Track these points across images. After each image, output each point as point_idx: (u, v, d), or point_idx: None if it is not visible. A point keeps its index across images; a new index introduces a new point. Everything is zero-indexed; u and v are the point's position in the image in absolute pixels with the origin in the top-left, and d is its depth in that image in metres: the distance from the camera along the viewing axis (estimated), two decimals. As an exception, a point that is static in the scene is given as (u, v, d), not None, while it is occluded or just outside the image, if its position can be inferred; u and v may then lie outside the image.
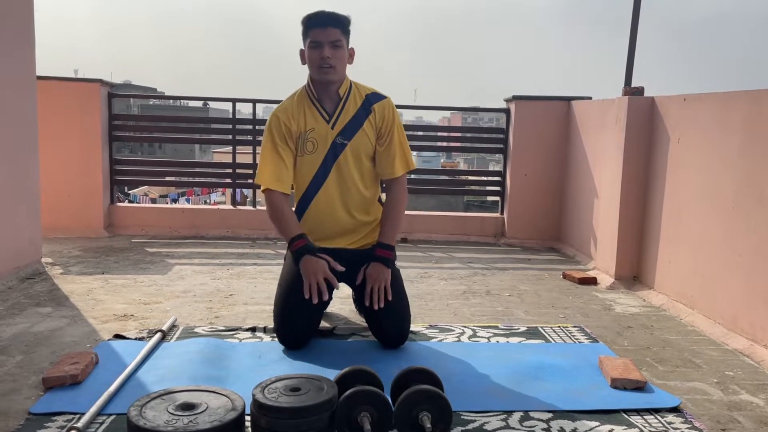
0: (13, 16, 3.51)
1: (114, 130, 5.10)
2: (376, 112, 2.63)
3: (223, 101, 5.62)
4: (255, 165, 5.28)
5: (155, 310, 3.06)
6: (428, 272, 4.05)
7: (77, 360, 2.22)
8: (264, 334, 2.72)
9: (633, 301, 3.51)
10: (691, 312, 3.15)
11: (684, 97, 3.40)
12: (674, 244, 3.41)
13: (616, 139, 3.87)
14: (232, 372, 2.29)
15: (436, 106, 6.14)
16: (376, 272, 2.53)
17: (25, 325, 2.78)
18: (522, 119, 5.13)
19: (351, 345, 2.64)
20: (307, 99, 2.63)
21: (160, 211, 5.52)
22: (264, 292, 3.43)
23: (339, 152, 2.61)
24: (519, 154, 5.15)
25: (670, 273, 3.43)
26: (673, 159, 3.46)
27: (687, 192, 3.31)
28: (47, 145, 4.32)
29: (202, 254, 4.43)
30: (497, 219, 5.33)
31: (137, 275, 3.74)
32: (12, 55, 3.51)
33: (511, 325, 2.96)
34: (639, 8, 4.61)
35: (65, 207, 4.84)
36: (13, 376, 2.22)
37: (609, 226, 3.94)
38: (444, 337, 2.75)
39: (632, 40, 4.66)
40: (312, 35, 2.52)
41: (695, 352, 2.68)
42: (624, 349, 2.70)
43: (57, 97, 4.75)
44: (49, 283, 3.49)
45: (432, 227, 5.24)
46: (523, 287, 3.74)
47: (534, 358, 2.49)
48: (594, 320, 3.12)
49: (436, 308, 3.26)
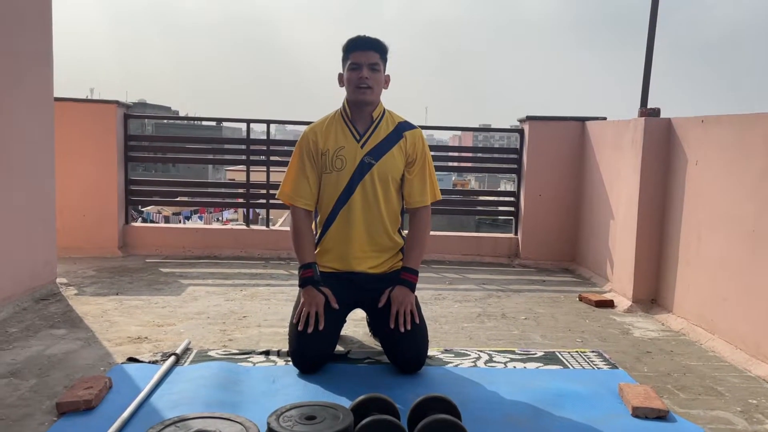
0: (32, 39, 3.55)
1: (129, 151, 5.14)
2: (408, 139, 2.68)
3: (238, 122, 5.65)
4: (269, 184, 5.29)
5: (169, 332, 3.05)
6: (442, 294, 4.01)
7: (91, 384, 2.20)
8: (278, 357, 2.70)
9: (651, 325, 3.46)
10: (712, 337, 3.09)
11: (702, 118, 3.37)
12: (693, 267, 3.36)
13: (632, 161, 3.83)
14: (246, 397, 2.27)
15: (449, 126, 6.14)
16: (401, 295, 2.56)
17: (40, 347, 2.77)
18: (536, 139, 5.11)
19: (366, 370, 2.60)
20: (341, 119, 2.69)
21: (173, 231, 5.54)
22: (277, 314, 3.41)
23: (366, 171, 2.63)
24: (533, 174, 5.13)
25: (690, 296, 3.37)
26: (691, 181, 3.42)
27: (706, 215, 3.27)
28: (63, 165, 4.34)
29: (215, 275, 4.42)
30: (511, 239, 5.30)
31: (151, 296, 3.73)
32: (30, 79, 3.55)
33: (527, 349, 2.92)
34: (654, 28, 4.59)
35: (80, 227, 4.86)
36: (26, 401, 2.21)
37: (626, 248, 3.89)
38: (460, 361, 2.71)
39: (648, 60, 4.64)
40: (352, 57, 2.59)
41: (717, 379, 2.62)
42: (644, 375, 2.65)
43: (74, 118, 4.80)
44: (64, 304, 3.49)
45: (445, 247, 5.21)
46: (539, 310, 3.70)
47: (552, 384, 2.45)
48: (612, 345, 3.07)
49: (451, 331, 3.22)
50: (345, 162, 2.63)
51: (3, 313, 3.19)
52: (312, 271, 2.61)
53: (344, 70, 2.64)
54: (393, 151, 2.65)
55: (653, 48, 4.66)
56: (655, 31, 4.61)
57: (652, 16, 4.59)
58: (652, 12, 4.58)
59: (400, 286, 2.59)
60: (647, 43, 4.67)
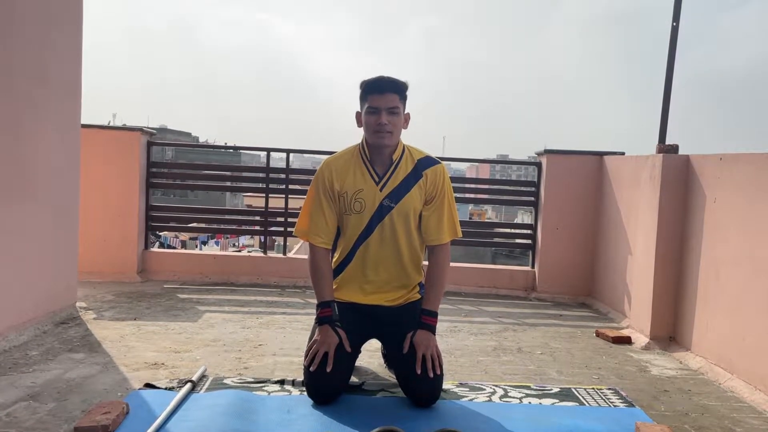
0: (62, 67, 3.66)
1: (151, 177, 5.23)
2: (428, 177, 2.65)
3: (258, 150, 5.75)
4: (287, 212, 5.35)
5: (185, 359, 3.07)
6: (458, 326, 4.00)
7: (109, 410, 2.22)
8: (293, 387, 2.70)
9: (669, 363, 3.42)
10: (731, 377, 3.05)
11: (720, 156, 3.37)
12: (712, 305, 3.33)
13: (650, 197, 3.83)
14: (260, 426, 2.27)
15: (466, 158, 6.19)
16: (425, 339, 2.54)
17: (59, 371, 2.81)
18: (554, 173, 5.13)
19: (380, 402, 2.60)
20: (360, 159, 2.66)
21: (191, 257, 5.60)
22: (293, 343, 3.42)
23: (385, 214, 2.63)
24: (550, 208, 5.13)
25: (708, 335, 3.34)
26: (709, 219, 3.41)
27: (725, 253, 3.25)
28: (87, 190, 4.43)
29: (231, 302, 4.45)
30: (528, 272, 5.28)
31: (168, 322, 3.76)
32: (59, 106, 3.65)
33: (543, 385, 2.90)
34: (673, 66, 4.62)
35: (100, 251, 4.93)
36: (45, 424, 2.23)
37: (644, 284, 3.87)
38: (475, 396, 2.70)
39: (666, 96, 4.66)
40: (370, 101, 2.56)
41: (736, 420, 2.58)
42: (661, 414, 2.62)
43: (99, 144, 4.89)
44: (83, 328, 3.53)
45: (461, 279, 5.20)
46: (555, 345, 3.67)
47: (568, 421, 2.43)
48: (629, 382, 3.04)
49: (467, 365, 3.21)
50: (364, 205, 2.62)
51: (24, 336, 3.24)
52: (330, 311, 2.60)
53: (362, 112, 2.61)
54: (412, 192, 2.62)
55: (671, 84, 4.68)
56: (673, 67, 4.64)
57: (670, 57, 4.63)
58: (670, 52, 4.61)
59: (422, 330, 2.57)
60: (665, 79, 4.70)
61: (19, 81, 3.23)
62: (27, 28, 3.27)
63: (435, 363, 2.50)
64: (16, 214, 3.24)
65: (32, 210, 3.38)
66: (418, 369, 2.48)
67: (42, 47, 3.43)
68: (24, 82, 3.27)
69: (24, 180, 3.30)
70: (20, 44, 3.22)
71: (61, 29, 3.64)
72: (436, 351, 2.54)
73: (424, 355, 2.50)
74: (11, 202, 3.19)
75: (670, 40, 4.66)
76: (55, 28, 3.56)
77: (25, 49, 3.27)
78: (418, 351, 2.51)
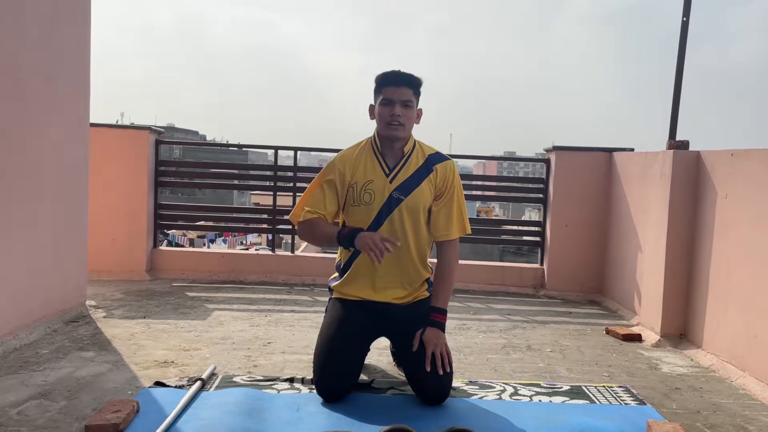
0: (71, 66, 3.67)
1: (160, 176, 5.24)
2: (438, 172, 2.66)
3: (265, 148, 5.75)
4: (295, 211, 5.34)
5: (195, 357, 3.08)
6: (466, 324, 3.99)
7: (119, 408, 2.23)
8: (302, 385, 2.70)
9: (680, 360, 3.40)
10: (743, 374, 3.03)
11: (731, 152, 3.35)
12: (723, 302, 3.30)
13: (660, 193, 3.81)
14: (270, 425, 2.27)
15: (474, 155, 6.17)
16: (434, 337, 2.54)
17: (69, 369, 2.82)
18: (562, 169, 5.10)
19: (389, 400, 2.60)
20: (371, 151, 2.68)
21: (199, 255, 5.61)
22: (302, 341, 3.42)
23: (394, 207, 2.63)
24: (559, 205, 5.11)
25: (720, 332, 3.31)
26: (720, 215, 3.38)
27: (736, 249, 3.22)
28: (95, 188, 4.44)
29: (240, 299, 4.46)
30: (537, 270, 5.26)
31: (178, 320, 3.77)
32: (68, 105, 3.66)
33: (553, 383, 2.89)
34: (683, 61, 4.59)
35: (109, 250, 4.94)
36: (56, 422, 2.24)
37: (654, 281, 3.84)
38: (484, 394, 2.69)
39: (677, 91, 4.63)
40: (384, 93, 2.59)
41: (748, 418, 2.56)
42: (672, 412, 2.60)
43: (108, 142, 4.91)
44: (93, 327, 3.54)
45: (470, 276, 5.19)
46: (565, 342, 3.66)
47: (579, 420, 2.41)
48: (640, 380, 3.02)
49: (476, 362, 3.20)
50: (373, 196, 2.63)
51: (34, 334, 3.25)
52: (351, 227, 2.59)
53: (376, 104, 2.64)
54: (422, 186, 2.63)
55: (682, 79, 4.65)
56: (683, 63, 4.61)
57: (680, 52, 4.59)
58: (680, 47, 4.58)
59: (431, 327, 2.56)
60: (675, 75, 4.67)
61: (29, 79, 3.24)
62: (36, 26, 3.28)
63: (444, 360, 2.50)
64: (26, 212, 3.25)
65: (42, 209, 3.40)
66: (427, 366, 2.48)
67: (51, 46, 3.43)
68: (33, 81, 3.28)
69: (33, 179, 3.31)
70: (30, 43, 3.23)
71: (70, 27, 3.65)
72: (445, 348, 2.53)
73: (434, 353, 2.49)
74: (21, 201, 3.20)
75: (681, 35, 4.63)
76: (63, 26, 3.57)
77: (35, 48, 3.27)
78: (427, 348, 2.50)
